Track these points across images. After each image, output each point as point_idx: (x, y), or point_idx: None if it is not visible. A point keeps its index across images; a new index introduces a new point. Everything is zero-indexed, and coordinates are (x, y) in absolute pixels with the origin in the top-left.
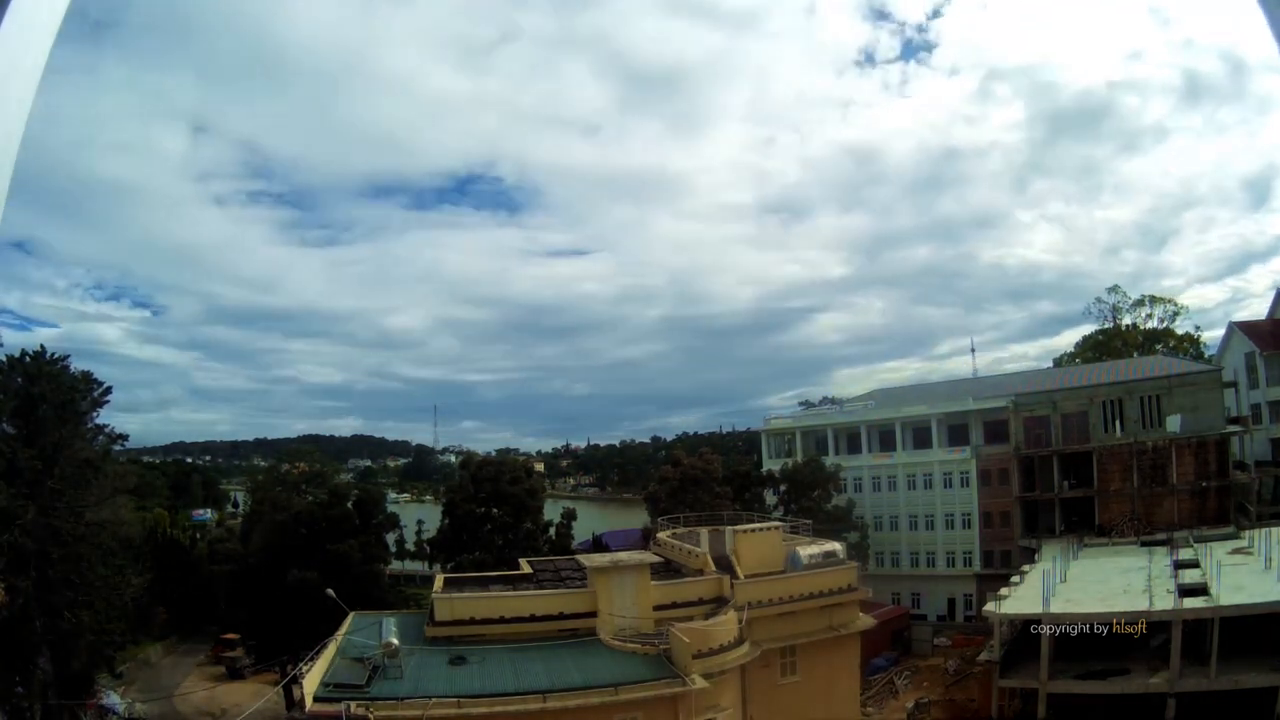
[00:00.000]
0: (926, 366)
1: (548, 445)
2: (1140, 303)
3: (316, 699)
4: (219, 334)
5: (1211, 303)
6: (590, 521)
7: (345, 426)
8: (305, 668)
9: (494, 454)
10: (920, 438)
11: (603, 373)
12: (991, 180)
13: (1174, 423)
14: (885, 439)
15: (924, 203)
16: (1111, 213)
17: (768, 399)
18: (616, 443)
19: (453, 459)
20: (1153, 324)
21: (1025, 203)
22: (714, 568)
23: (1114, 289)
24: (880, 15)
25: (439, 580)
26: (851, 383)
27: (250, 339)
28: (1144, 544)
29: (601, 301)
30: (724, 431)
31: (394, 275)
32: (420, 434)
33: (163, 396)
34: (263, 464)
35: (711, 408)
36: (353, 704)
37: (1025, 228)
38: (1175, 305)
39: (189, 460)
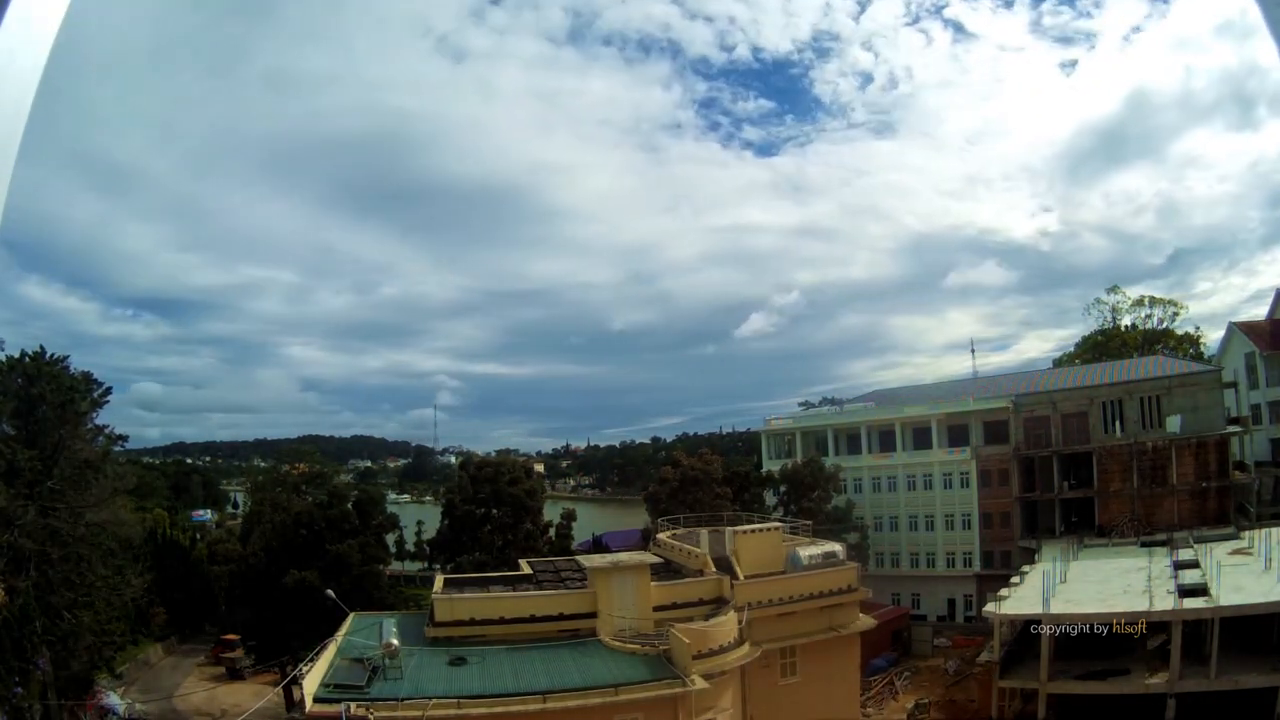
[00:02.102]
0: None
1: (547, 446)
2: (1140, 303)
3: (316, 699)
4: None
5: None
6: (590, 522)
7: (345, 426)
8: (305, 668)
9: (493, 454)
10: (920, 438)
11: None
12: None
13: (1174, 423)
14: (885, 439)
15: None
16: None
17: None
18: (616, 443)
19: (452, 459)
20: (1152, 324)
21: None
22: (714, 568)
23: (1113, 289)
24: None
25: (439, 581)
26: None
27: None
28: (1144, 544)
29: None
30: (724, 432)
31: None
32: (420, 433)
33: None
34: (263, 465)
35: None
36: (353, 705)
37: None
38: (1175, 306)
39: (189, 461)
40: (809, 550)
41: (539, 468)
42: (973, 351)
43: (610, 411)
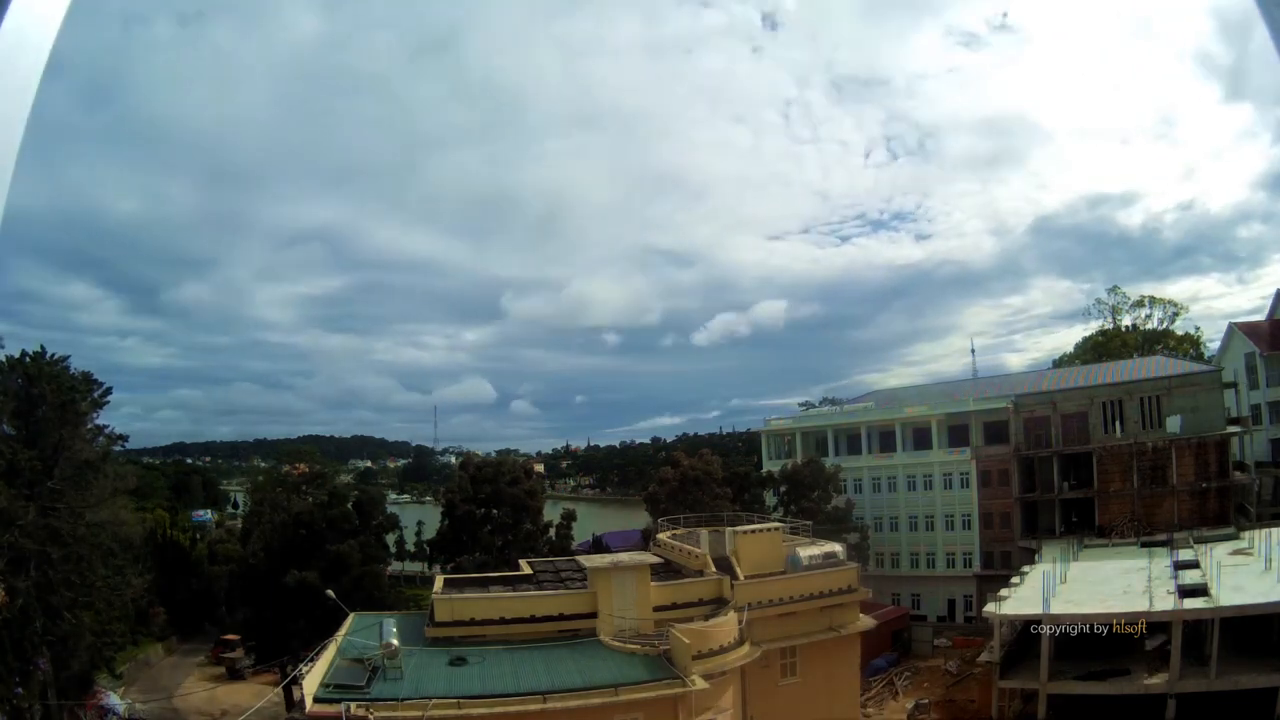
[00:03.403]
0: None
1: (548, 446)
2: (1140, 304)
3: (316, 700)
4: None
5: None
6: (590, 522)
7: (345, 426)
8: (305, 668)
9: (494, 455)
10: (920, 438)
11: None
12: None
13: (1174, 423)
14: (885, 440)
15: None
16: None
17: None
18: (616, 444)
19: (452, 460)
20: (1152, 325)
21: None
22: (714, 568)
23: (1114, 289)
24: None
25: (439, 581)
26: None
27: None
28: (1144, 545)
29: None
30: (724, 432)
31: None
32: (419, 434)
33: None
34: (263, 465)
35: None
36: (353, 705)
37: None
38: (1175, 306)
39: (189, 461)
40: (809, 550)
41: (539, 468)
42: (973, 352)
43: (617, 410)
